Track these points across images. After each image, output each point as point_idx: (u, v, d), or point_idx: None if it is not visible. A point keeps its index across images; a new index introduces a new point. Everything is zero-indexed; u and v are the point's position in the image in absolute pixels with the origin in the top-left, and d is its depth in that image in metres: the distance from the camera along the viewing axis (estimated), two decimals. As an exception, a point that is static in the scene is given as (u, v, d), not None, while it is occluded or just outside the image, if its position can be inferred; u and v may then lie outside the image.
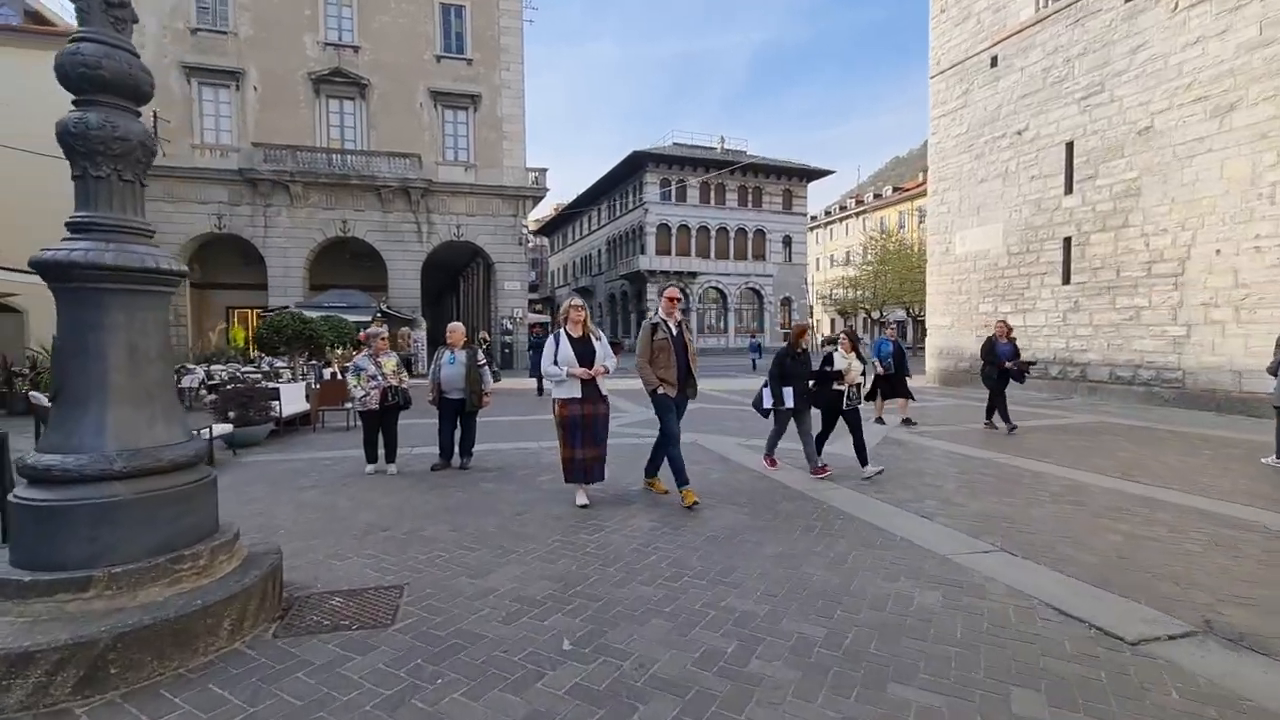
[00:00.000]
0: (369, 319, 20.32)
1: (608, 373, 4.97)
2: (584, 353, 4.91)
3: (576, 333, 4.99)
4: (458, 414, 6.41)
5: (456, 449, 6.54)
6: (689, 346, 5.21)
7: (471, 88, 24.65)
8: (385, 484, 5.83)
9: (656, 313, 5.27)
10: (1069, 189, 13.43)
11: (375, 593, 3.30)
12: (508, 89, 25.12)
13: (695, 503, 4.92)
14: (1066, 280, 13.52)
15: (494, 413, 9.41)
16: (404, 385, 6.28)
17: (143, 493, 2.61)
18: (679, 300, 5.24)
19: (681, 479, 5.05)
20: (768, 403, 5.94)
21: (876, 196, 64.78)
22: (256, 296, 23.69)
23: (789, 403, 5.86)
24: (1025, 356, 14.22)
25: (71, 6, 2.67)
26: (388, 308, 22.62)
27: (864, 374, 6.27)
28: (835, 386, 6.08)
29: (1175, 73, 11.48)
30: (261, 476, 6.21)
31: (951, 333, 16.58)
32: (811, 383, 6.11)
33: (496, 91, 24.96)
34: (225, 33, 22.44)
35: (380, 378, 6.10)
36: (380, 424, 6.20)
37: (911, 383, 16.37)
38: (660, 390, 5.05)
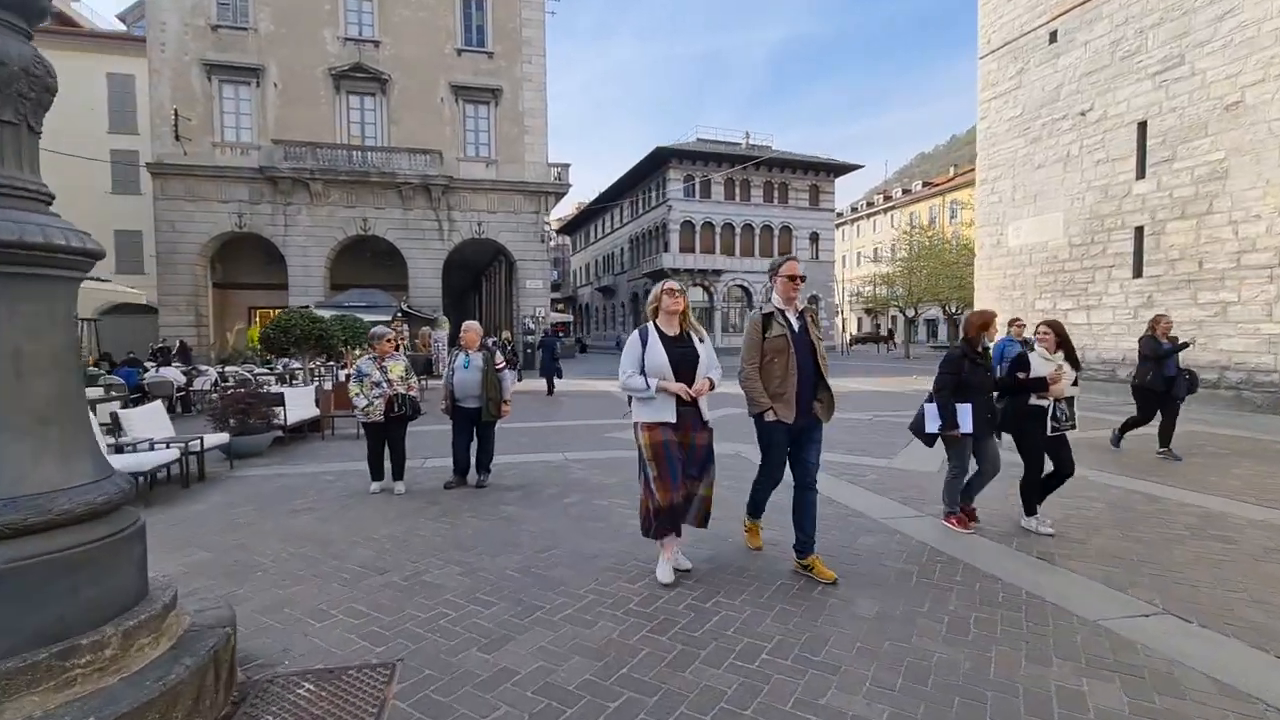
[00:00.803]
0: (389, 319, 19.90)
1: (714, 388, 3.52)
2: (682, 358, 3.44)
3: (672, 329, 3.51)
4: (474, 424, 5.64)
5: (473, 464, 5.78)
6: (817, 348, 3.55)
7: (493, 81, 24.06)
8: (390, 507, 5.07)
9: (769, 299, 3.68)
10: (1141, 173, 12.24)
11: (358, 675, 2.51)
12: (529, 82, 24.47)
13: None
14: (1138, 273, 12.32)
15: (513, 418, 8.67)
16: (413, 392, 5.53)
17: (20, 560, 1.86)
18: (802, 280, 3.58)
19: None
20: (932, 425, 4.24)
21: (905, 192, 63.08)
22: (279, 297, 23.39)
23: (965, 426, 4.14)
24: (1090, 358, 13.18)
25: (99, 7, 1.94)
26: (408, 307, 22.15)
27: (1077, 383, 4.33)
28: (1034, 401, 4.26)
29: (1271, 39, 10.26)
30: (253, 495, 5.50)
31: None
32: (997, 395, 4.45)
33: (518, 85, 24.33)
34: (245, 29, 22.14)
35: (385, 384, 5.35)
36: (386, 437, 5.46)
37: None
38: (770, 416, 3.47)
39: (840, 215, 58.96)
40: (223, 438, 6.51)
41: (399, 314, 20.67)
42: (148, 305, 23.79)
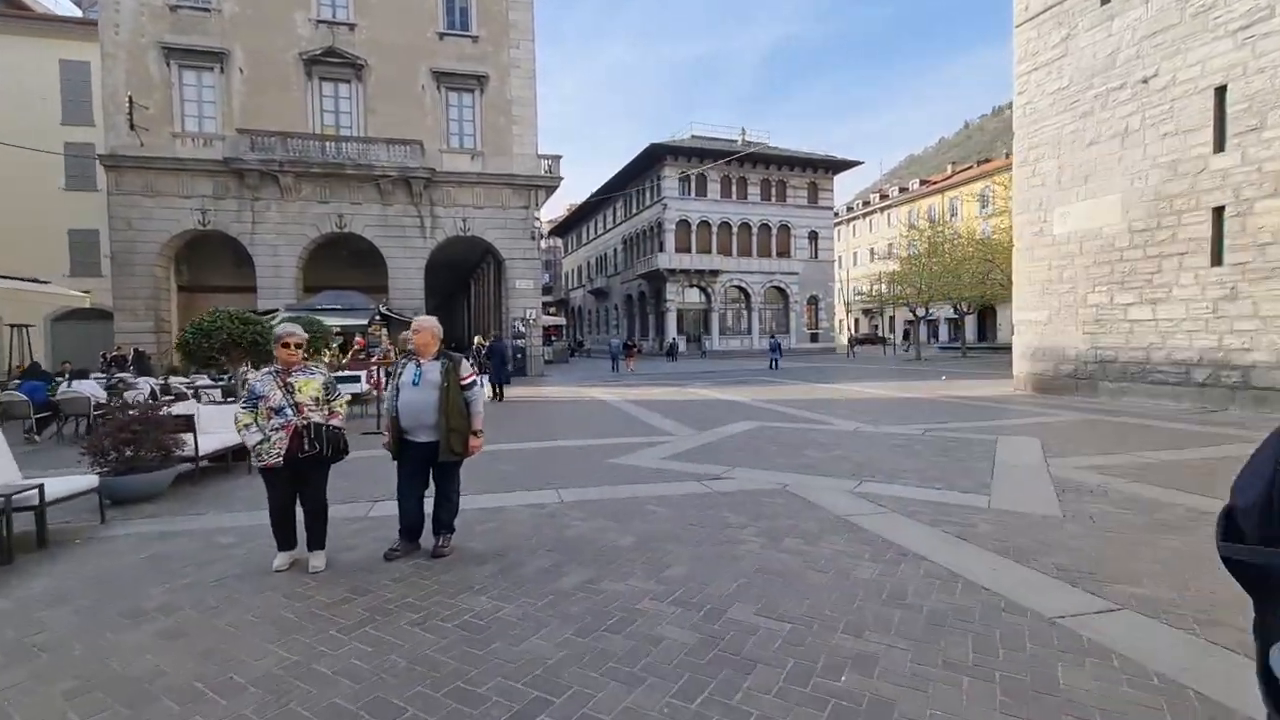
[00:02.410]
0: (366, 322, 18.09)
1: None
2: None
3: None
4: (429, 465, 3.89)
5: (429, 520, 4.03)
6: None
7: (478, 68, 22.37)
8: (293, 602, 3.29)
9: None
10: (1220, 145, 10.65)
11: None
12: (517, 69, 22.77)
13: None
14: (1218, 261, 10.71)
15: (494, 434, 6.94)
16: (337, 420, 3.77)
17: None
18: None
19: None
20: None
21: (903, 190, 61.98)
22: (250, 300, 21.55)
23: None
24: (1158, 358, 11.58)
25: None
26: (387, 309, 20.34)
27: None
28: None
29: (1389, -18, 8.72)
30: (98, 576, 3.70)
31: (1049, 330, 13.78)
32: None
33: (505, 71, 22.64)
34: (208, 10, 20.35)
35: (291, 409, 3.60)
36: (295, 487, 3.69)
37: (995, 389, 13.51)
38: None
39: (836, 215, 57.55)
40: (88, 480, 4.71)
41: (377, 317, 18.91)
42: (97, 309, 21.97)
